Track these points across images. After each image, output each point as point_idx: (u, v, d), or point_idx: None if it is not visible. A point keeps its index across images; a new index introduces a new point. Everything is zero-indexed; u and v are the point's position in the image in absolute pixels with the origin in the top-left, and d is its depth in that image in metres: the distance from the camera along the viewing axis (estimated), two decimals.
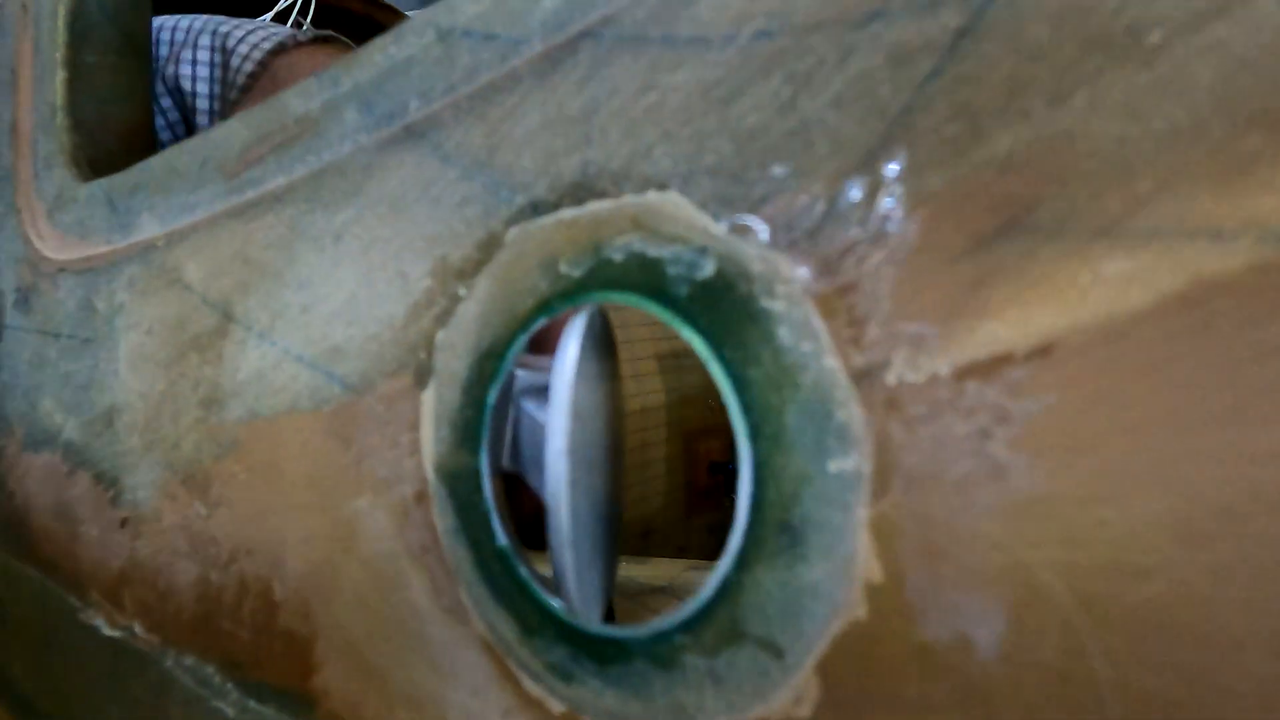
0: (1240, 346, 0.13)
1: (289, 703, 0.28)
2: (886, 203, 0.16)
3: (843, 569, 0.16)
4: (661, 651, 0.19)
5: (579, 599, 0.19)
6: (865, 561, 0.16)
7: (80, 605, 0.36)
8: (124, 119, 0.44)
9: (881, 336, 0.16)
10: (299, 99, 0.28)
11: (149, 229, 0.35)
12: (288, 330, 0.28)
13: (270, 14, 0.85)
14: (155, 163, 0.35)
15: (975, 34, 0.15)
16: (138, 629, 0.34)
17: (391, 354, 0.24)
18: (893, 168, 0.16)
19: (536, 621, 0.21)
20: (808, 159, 0.17)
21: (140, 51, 0.45)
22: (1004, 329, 0.15)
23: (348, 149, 0.26)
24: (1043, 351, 0.14)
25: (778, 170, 0.17)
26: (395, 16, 0.95)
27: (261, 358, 0.29)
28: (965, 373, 0.15)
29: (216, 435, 0.30)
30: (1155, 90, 0.14)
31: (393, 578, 0.24)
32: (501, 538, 0.22)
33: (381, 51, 0.26)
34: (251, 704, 0.30)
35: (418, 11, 0.25)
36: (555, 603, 0.21)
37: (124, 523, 0.34)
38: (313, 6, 0.86)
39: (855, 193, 0.16)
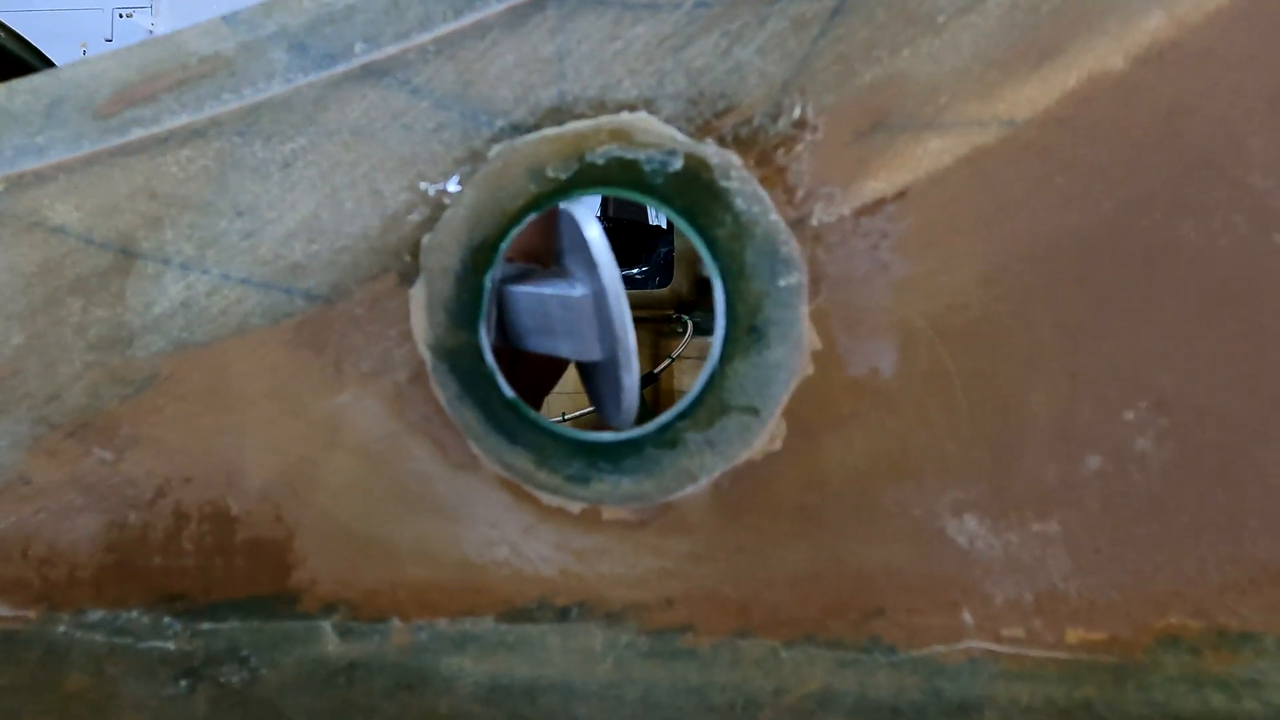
0: (997, 180, 0.25)
1: (260, 608, 0.30)
2: (799, 113, 0.26)
3: (795, 346, 0.26)
4: (667, 437, 0.27)
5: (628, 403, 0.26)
6: (809, 339, 0.26)
7: None
8: None
9: (806, 196, 0.26)
10: (202, 39, 0.30)
11: None
12: (224, 257, 0.29)
13: None
14: None
15: (843, 11, 0.25)
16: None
17: (369, 261, 0.28)
18: (801, 92, 0.26)
19: (551, 448, 0.27)
20: (744, 88, 0.26)
21: None
22: (879, 184, 0.25)
23: (281, 87, 0.29)
24: (902, 195, 0.25)
25: (723, 94, 0.26)
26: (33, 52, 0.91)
27: (188, 288, 0.30)
28: (859, 212, 0.25)
29: (123, 375, 0.30)
30: (944, 47, 0.25)
31: (391, 453, 0.28)
32: (508, 391, 0.28)
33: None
34: (205, 626, 0.30)
35: None
36: (562, 429, 0.27)
37: None
38: None
39: (779, 108, 0.26)
